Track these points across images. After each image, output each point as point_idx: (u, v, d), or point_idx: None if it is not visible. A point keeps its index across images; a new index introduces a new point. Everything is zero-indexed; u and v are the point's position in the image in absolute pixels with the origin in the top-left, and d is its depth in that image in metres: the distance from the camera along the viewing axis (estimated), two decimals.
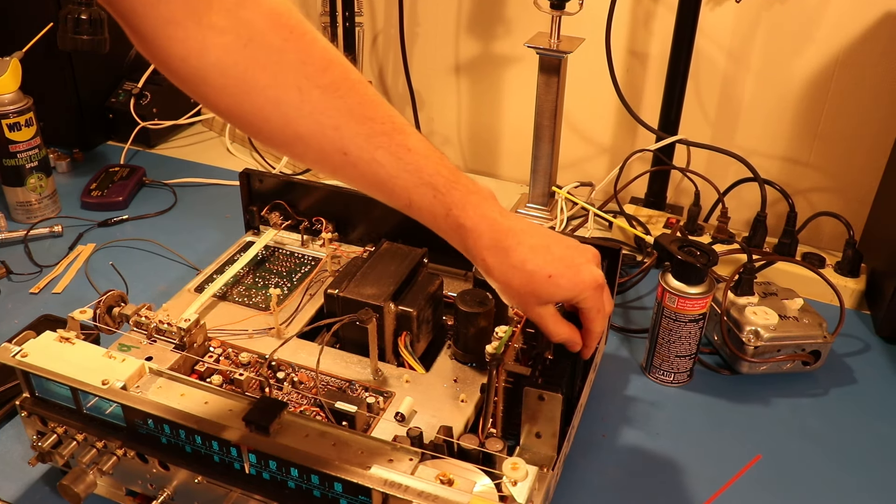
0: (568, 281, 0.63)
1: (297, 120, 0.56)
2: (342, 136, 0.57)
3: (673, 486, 0.75)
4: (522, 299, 0.63)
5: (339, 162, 0.58)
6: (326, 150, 0.57)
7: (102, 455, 0.66)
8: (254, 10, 0.54)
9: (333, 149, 0.57)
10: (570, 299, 0.65)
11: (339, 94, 0.57)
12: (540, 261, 0.62)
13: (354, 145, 0.58)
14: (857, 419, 0.83)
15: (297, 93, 0.56)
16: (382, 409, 0.71)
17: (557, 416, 0.65)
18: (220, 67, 0.53)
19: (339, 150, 0.57)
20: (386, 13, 1.36)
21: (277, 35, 0.55)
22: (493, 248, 0.61)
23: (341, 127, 0.57)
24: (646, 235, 1.09)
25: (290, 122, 0.56)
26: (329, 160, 0.58)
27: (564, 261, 0.63)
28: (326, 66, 0.57)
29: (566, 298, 0.64)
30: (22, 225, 1.13)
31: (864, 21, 1.06)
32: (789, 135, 1.17)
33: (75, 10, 1.05)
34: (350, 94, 0.58)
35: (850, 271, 1.02)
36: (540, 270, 0.62)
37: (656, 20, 1.17)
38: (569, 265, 0.63)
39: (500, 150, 1.39)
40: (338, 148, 0.57)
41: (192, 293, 0.86)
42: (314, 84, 0.56)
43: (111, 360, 0.66)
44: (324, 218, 0.94)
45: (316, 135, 0.57)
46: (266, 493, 0.61)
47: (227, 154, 1.37)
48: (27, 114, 1.09)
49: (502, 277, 0.62)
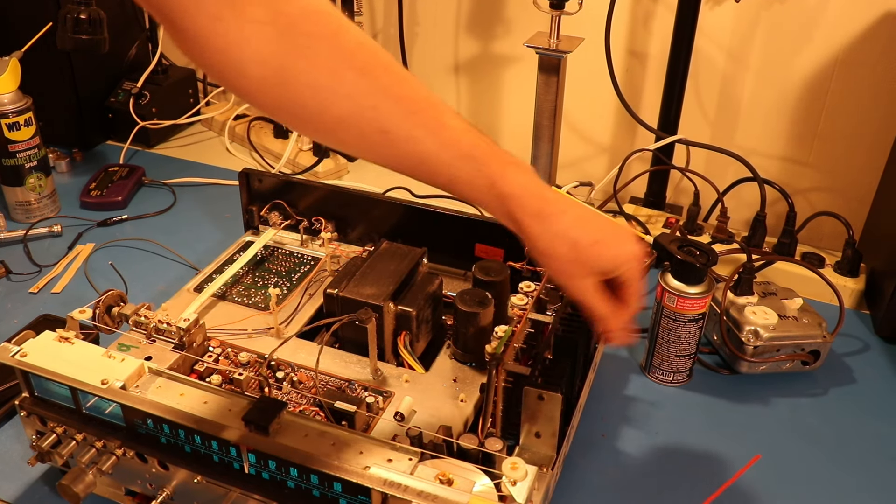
0: (613, 249, 0.62)
1: (335, 103, 0.57)
2: (380, 115, 0.58)
3: (672, 486, 0.75)
4: (567, 268, 0.62)
5: (379, 142, 0.59)
6: (366, 131, 0.58)
7: (102, 455, 0.66)
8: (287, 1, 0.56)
9: (372, 129, 0.58)
10: (613, 269, 0.63)
11: (373, 75, 0.58)
12: (585, 229, 0.62)
13: (392, 123, 0.58)
14: (857, 419, 0.84)
15: (333, 76, 0.56)
16: (382, 409, 0.71)
17: (557, 416, 0.65)
18: (258, 58, 0.55)
19: (379, 130, 0.58)
20: (385, 12, 1.36)
21: (311, 22, 0.56)
22: (538, 215, 0.61)
23: (378, 106, 0.58)
24: (645, 235, 1.09)
25: (328, 107, 0.57)
26: (369, 141, 0.59)
27: (608, 230, 0.63)
28: (358, 48, 0.58)
29: (610, 268, 0.63)
30: (21, 224, 1.13)
31: (863, 21, 1.06)
32: (789, 134, 1.17)
33: (74, 10, 1.05)
34: (384, 74, 0.58)
35: (849, 271, 1.02)
36: (585, 237, 0.61)
37: (656, 20, 1.17)
38: (613, 234, 0.63)
39: None
40: (377, 128, 0.58)
41: (192, 293, 0.86)
42: (348, 66, 0.57)
43: (110, 360, 0.66)
44: (323, 217, 0.94)
45: (355, 116, 0.58)
46: (265, 493, 0.61)
47: (226, 154, 1.37)
48: (26, 113, 1.08)
49: (547, 246, 0.61)
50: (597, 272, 0.63)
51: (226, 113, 1.44)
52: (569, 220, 0.61)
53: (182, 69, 1.45)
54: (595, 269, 0.62)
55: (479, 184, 0.60)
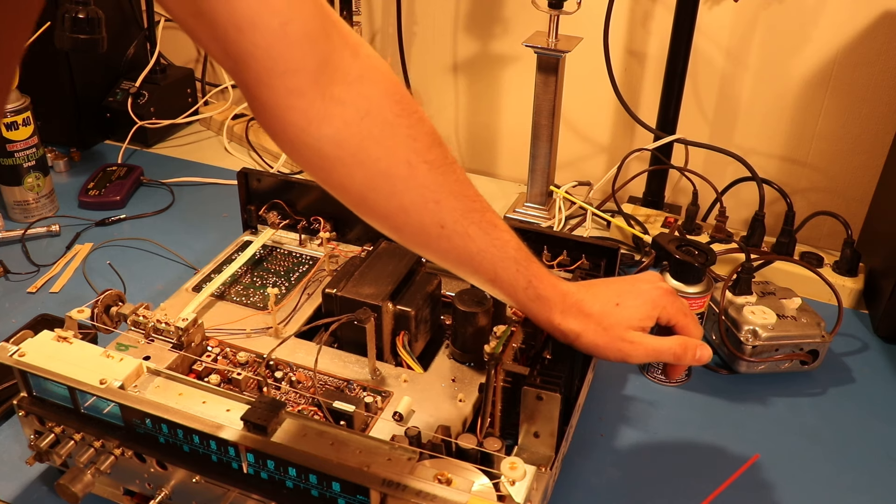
0: (635, 300, 0.66)
1: (403, 192, 0.59)
2: (441, 209, 0.60)
3: (671, 486, 0.75)
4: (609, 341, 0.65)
5: (435, 234, 0.61)
6: (426, 222, 0.60)
7: (100, 454, 0.66)
8: (372, 86, 0.56)
9: (432, 221, 0.60)
10: (648, 317, 0.67)
11: (441, 171, 0.60)
12: (602, 299, 0.66)
13: (451, 219, 0.60)
14: (855, 418, 0.84)
15: (407, 167, 0.58)
16: (380, 409, 0.71)
17: (556, 416, 0.65)
18: (336, 139, 0.55)
19: (438, 224, 0.60)
20: (384, 12, 1.36)
21: (391, 110, 0.57)
22: (564, 311, 0.65)
23: (441, 201, 0.60)
24: (644, 235, 1.09)
25: (396, 194, 0.59)
26: (426, 232, 0.61)
27: (624, 288, 0.68)
28: (432, 144, 0.60)
29: (643, 318, 0.66)
30: (19, 224, 1.12)
31: (862, 20, 1.06)
32: (787, 134, 1.17)
33: (73, 9, 1.05)
34: (449, 172, 0.61)
35: (848, 270, 1.02)
36: (605, 305, 0.66)
37: (654, 19, 1.17)
38: (630, 289, 0.68)
39: (498, 149, 1.40)
40: (437, 221, 0.60)
41: (190, 292, 0.86)
42: (422, 159, 0.59)
43: (109, 360, 0.66)
44: (322, 217, 0.94)
45: (419, 208, 0.60)
46: (264, 493, 0.61)
47: (224, 153, 1.37)
48: (24, 113, 1.08)
49: (581, 334, 0.65)
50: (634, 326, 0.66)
51: (224, 112, 1.44)
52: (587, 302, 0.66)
53: (180, 69, 1.45)
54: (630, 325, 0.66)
55: (518, 283, 0.64)
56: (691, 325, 0.68)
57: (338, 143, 0.55)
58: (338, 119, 0.55)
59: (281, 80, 0.52)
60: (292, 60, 0.51)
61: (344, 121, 0.55)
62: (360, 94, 0.55)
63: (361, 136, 0.56)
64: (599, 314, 0.65)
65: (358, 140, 0.56)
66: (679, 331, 0.68)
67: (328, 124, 0.54)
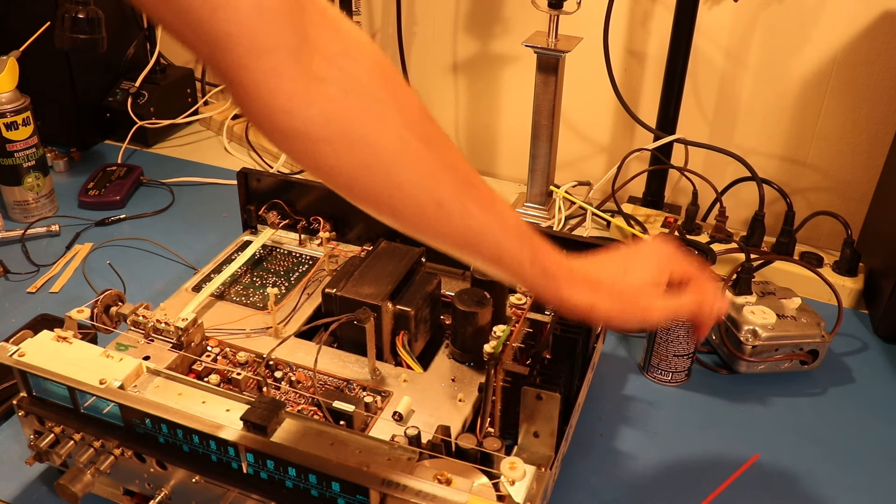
0: (643, 264, 0.64)
1: (396, 168, 0.57)
2: (438, 184, 0.58)
3: (671, 486, 0.75)
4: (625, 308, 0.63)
5: (433, 213, 0.59)
6: (422, 199, 0.58)
7: (100, 454, 0.66)
8: (354, 61, 0.55)
9: (429, 198, 0.58)
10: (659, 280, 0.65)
11: (433, 146, 0.58)
12: (609, 269, 0.64)
13: (448, 195, 0.58)
14: (855, 418, 0.84)
15: (399, 141, 0.56)
16: (380, 409, 0.71)
17: (555, 416, 0.65)
18: (322, 119, 0.53)
19: (435, 200, 0.58)
20: (383, 12, 1.36)
21: (377, 85, 0.56)
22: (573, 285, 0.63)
23: (437, 175, 0.58)
24: (644, 235, 1.09)
25: (389, 171, 0.57)
26: (424, 211, 0.59)
27: (629, 255, 0.65)
28: (423, 118, 0.58)
29: (654, 281, 0.64)
30: (19, 224, 1.12)
31: (861, 20, 1.06)
32: (787, 134, 1.17)
33: (72, 9, 1.05)
34: (441, 145, 0.59)
35: (847, 270, 1.02)
36: (614, 274, 0.64)
37: (654, 19, 1.17)
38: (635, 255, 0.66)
39: (497, 149, 1.39)
40: (434, 197, 0.58)
41: (190, 292, 0.86)
42: (413, 133, 0.57)
43: (108, 360, 0.66)
44: (321, 217, 0.94)
45: (414, 183, 0.57)
46: (264, 493, 0.61)
47: (224, 153, 1.37)
48: (24, 113, 1.08)
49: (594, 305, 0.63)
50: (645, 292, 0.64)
51: (224, 112, 1.44)
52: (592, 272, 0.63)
53: (180, 69, 1.45)
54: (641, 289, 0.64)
55: (524, 258, 0.61)
56: (705, 276, 0.66)
57: (324, 124, 0.53)
58: (321, 97, 0.53)
59: (260, 61, 0.50)
60: (270, 36, 0.50)
61: (328, 98, 0.53)
62: (342, 69, 0.53)
63: (348, 114, 0.54)
64: (610, 283, 0.63)
65: (345, 117, 0.54)
66: (694, 285, 0.66)
67: (313, 104, 0.53)
